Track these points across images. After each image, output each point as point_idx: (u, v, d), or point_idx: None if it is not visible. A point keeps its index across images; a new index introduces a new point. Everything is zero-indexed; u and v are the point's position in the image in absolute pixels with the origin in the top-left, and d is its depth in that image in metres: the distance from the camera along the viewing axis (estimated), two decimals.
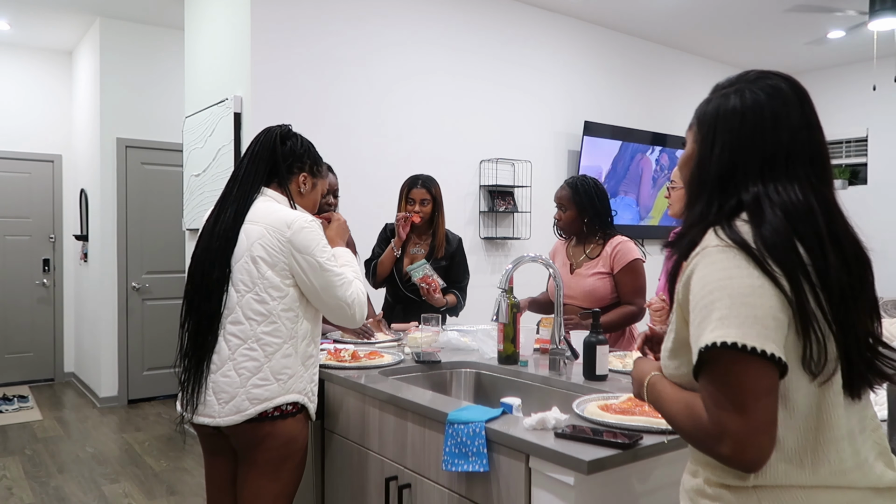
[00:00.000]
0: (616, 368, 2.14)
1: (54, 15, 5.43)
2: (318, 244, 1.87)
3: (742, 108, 1.05)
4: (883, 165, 6.62)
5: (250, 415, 1.79)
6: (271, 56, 3.95)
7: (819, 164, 1.05)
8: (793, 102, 1.05)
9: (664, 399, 1.10)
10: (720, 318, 0.94)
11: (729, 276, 0.96)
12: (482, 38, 4.90)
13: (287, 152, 1.97)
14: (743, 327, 0.92)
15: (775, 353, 0.92)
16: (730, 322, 0.93)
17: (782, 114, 1.04)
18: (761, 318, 0.93)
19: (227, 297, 1.83)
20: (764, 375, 0.93)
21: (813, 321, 0.96)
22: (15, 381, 6.25)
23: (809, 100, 1.08)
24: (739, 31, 5.83)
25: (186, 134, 4.66)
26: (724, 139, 1.06)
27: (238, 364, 1.80)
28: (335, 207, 2.92)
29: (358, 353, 2.31)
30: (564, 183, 2.86)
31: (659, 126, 6.05)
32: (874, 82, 5.97)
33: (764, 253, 0.96)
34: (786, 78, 1.08)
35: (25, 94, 6.27)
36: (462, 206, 4.80)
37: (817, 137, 1.06)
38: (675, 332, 1.09)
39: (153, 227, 5.70)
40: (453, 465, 1.55)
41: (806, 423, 1.00)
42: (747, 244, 0.97)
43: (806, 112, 1.06)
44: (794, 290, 0.95)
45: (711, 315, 0.95)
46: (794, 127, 1.04)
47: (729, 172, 1.05)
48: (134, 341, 5.63)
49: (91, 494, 3.65)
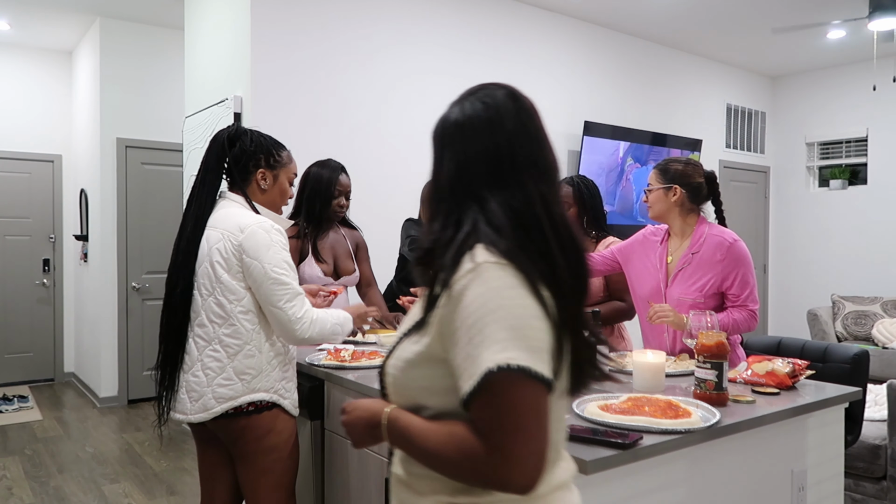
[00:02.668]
0: (614, 368, 2.15)
1: (54, 15, 5.43)
2: (269, 250, 1.87)
3: (462, 119, 1.07)
4: (883, 165, 6.62)
5: (216, 413, 1.87)
6: (271, 56, 3.95)
7: (542, 167, 1.05)
8: (508, 109, 1.06)
9: (415, 433, 0.99)
10: (503, 340, 0.90)
11: (508, 296, 0.93)
12: (482, 38, 4.90)
13: (238, 154, 1.98)
14: (529, 350, 0.90)
15: (548, 374, 0.92)
16: (516, 345, 0.90)
17: (496, 121, 1.05)
18: (540, 341, 0.93)
19: (193, 301, 1.92)
20: (542, 397, 0.92)
21: (563, 335, 0.98)
22: (15, 381, 6.25)
23: (528, 106, 1.09)
24: (739, 31, 5.83)
25: (186, 134, 4.66)
26: (450, 152, 1.07)
27: (205, 364, 1.89)
28: (347, 209, 2.91)
29: (358, 353, 2.31)
30: (564, 182, 2.86)
31: (659, 126, 6.05)
32: (874, 82, 5.98)
33: (531, 274, 0.96)
34: (503, 87, 1.10)
35: (25, 94, 6.27)
36: None
37: (536, 142, 1.07)
38: (426, 347, 1.01)
39: (153, 227, 5.70)
40: None
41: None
42: (519, 260, 0.95)
43: (522, 118, 1.07)
44: (556, 308, 0.97)
45: (492, 336, 0.91)
46: (510, 132, 1.05)
47: (458, 184, 1.04)
48: (134, 341, 5.63)
49: (91, 494, 3.65)
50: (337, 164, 2.88)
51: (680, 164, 2.43)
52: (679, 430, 1.50)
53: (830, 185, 6.98)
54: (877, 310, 6.14)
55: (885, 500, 3.07)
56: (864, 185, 6.76)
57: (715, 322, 1.92)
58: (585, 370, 1.04)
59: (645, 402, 1.64)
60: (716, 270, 2.29)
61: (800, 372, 1.98)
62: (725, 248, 2.29)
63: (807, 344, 2.82)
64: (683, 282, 2.35)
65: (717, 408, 1.69)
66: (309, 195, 2.81)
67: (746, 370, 2.02)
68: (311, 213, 2.81)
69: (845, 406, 1.99)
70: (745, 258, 2.30)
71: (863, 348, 2.66)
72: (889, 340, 5.82)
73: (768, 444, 1.75)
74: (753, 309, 2.30)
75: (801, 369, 1.99)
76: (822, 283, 6.93)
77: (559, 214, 1.03)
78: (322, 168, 2.84)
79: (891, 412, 3.03)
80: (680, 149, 6.05)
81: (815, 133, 7.09)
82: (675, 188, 2.38)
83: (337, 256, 2.89)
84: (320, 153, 3.31)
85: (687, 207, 2.40)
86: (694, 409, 1.63)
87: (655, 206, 2.44)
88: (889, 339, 5.82)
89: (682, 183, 2.38)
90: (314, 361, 2.25)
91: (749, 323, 2.29)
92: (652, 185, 2.44)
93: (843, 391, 1.97)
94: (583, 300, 1.03)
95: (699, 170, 2.43)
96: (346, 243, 2.94)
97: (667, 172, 2.41)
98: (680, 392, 1.86)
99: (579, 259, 1.03)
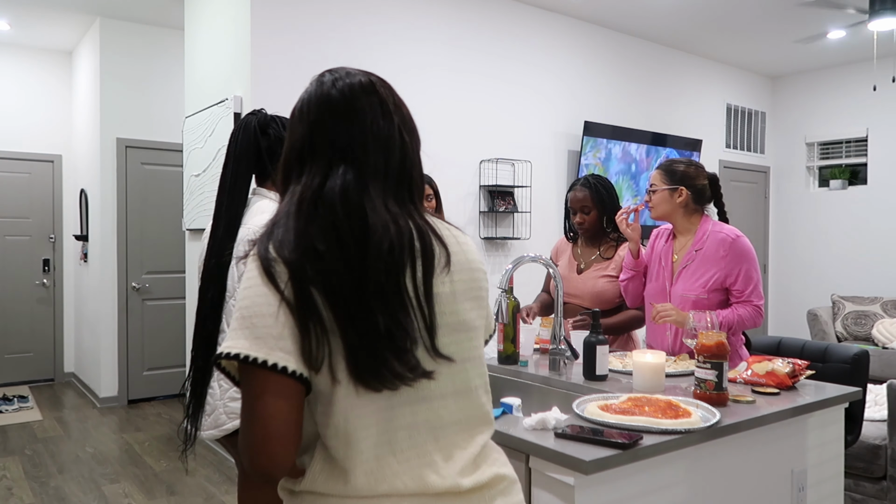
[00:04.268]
0: (616, 368, 2.15)
1: (54, 15, 5.43)
2: None
3: (294, 110, 1.09)
4: (883, 165, 6.62)
5: (227, 430, 1.71)
6: (271, 56, 3.95)
7: (346, 148, 1.02)
8: (322, 95, 1.06)
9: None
10: (233, 330, 0.95)
11: (246, 287, 0.96)
12: (482, 38, 4.90)
13: (273, 143, 1.82)
14: (250, 339, 0.93)
15: (279, 363, 0.91)
16: (240, 334, 0.94)
17: (305, 103, 1.06)
18: (268, 328, 0.92)
19: (224, 308, 1.76)
20: (269, 384, 0.92)
21: (311, 322, 0.93)
22: (15, 381, 6.25)
23: (348, 91, 1.06)
24: (739, 31, 5.83)
25: (186, 134, 4.66)
26: (287, 139, 1.09)
27: (219, 375, 1.73)
28: None
29: None
30: (579, 185, 2.77)
31: (659, 126, 6.05)
32: (874, 82, 5.98)
33: (271, 261, 0.95)
34: (332, 71, 1.09)
35: (25, 94, 6.27)
36: (462, 206, 4.80)
37: (342, 123, 1.04)
38: None
39: (153, 227, 5.71)
40: None
41: (336, 427, 0.97)
42: (263, 254, 0.96)
43: (332, 101, 1.04)
44: (297, 296, 0.93)
45: (232, 325, 0.96)
46: (312, 120, 1.04)
47: (285, 170, 1.07)
48: (134, 341, 5.63)
49: (91, 494, 3.65)
50: None
51: (684, 165, 2.42)
52: (679, 430, 1.50)
53: (830, 185, 6.97)
54: (877, 310, 6.14)
55: (885, 500, 3.07)
56: (864, 185, 6.76)
57: (715, 322, 1.92)
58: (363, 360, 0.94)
59: (645, 402, 1.64)
60: (719, 266, 2.30)
61: (800, 372, 1.98)
62: (728, 243, 2.30)
63: (807, 344, 2.82)
64: (687, 279, 2.36)
65: (717, 408, 1.69)
66: None
67: (746, 370, 2.02)
68: None
69: (845, 406, 1.99)
70: (748, 254, 2.31)
71: (863, 348, 2.66)
72: (889, 340, 5.81)
73: (768, 444, 1.75)
74: (758, 304, 2.30)
75: (801, 369, 1.99)
76: (822, 283, 6.94)
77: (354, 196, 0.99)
78: None
79: (891, 412, 3.03)
80: (680, 149, 6.05)
81: (815, 133, 7.09)
82: (681, 189, 2.37)
83: None
84: None
85: (691, 208, 2.40)
86: (694, 409, 1.63)
87: (660, 207, 2.43)
88: (889, 339, 5.82)
89: (688, 184, 2.38)
90: None
91: (755, 319, 2.29)
92: (656, 186, 2.42)
93: (844, 391, 1.97)
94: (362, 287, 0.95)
95: (703, 172, 2.43)
96: None
97: (673, 174, 2.39)
98: (680, 392, 1.86)
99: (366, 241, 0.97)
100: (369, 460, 0.96)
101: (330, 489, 0.98)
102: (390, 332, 0.95)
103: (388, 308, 0.95)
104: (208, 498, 3.60)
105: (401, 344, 0.95)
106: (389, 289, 0.96)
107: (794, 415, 1.78)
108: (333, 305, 0.94)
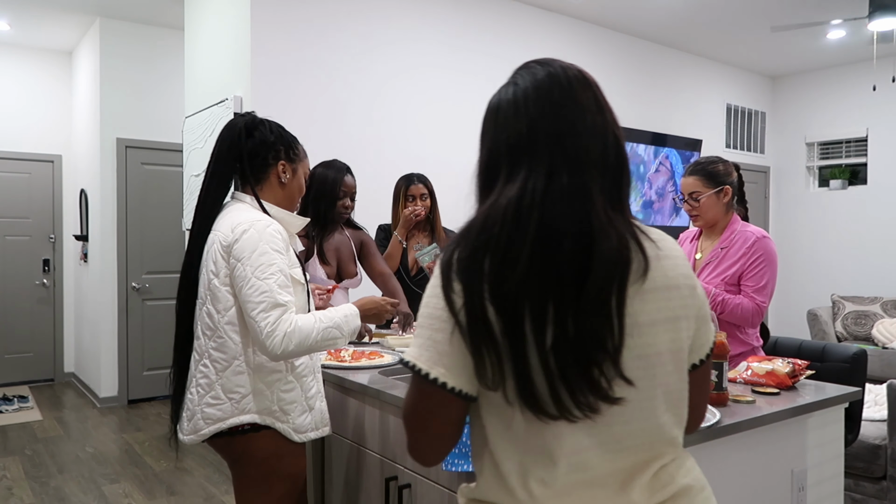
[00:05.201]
0: None
1: (54, 15, 5.43)
2: (255, 250, 1.64)
3: (497, 105, 1.00)
4: (883, 165, 6.62)
5: (205, 435, 1.70)
6: (271, 56, 3.95)
7: (569, 147, 0.94)
8: (542, 88, 0.97)
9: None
10: (417, 329, 0.98)
11: (430, 294, 0.97)
12: (482, 38, 4.89)
13: (257, 145, 1.80)
14: (420, 347, 0.96)
15: (438, 378, 0.93)
16: (417, 340, 0.97)
17: (521, 96, 0.97)
18: (437, 342, 0.94)
19: (196, 313, 1.77)
20: (426, 392, 0.96)
21: (484, 347, 0.90)
22: (15, 381, 6.25)
23: (569, 84, 0.99)
24: (739, 31, 5.83)
25: (186, 134, 4.66)
26: (485, 141, 1.01)
27: (197, 381, 1.73)
28: (352, 210, 2.91)
29: (358, 353, 2.31)
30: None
31: (659, 126, 6.05)
32: (874, 82, 5.97)
33: (451, 274, 0.92)
34: (544, 64, 1.01)
35: (25, 94, 6.27)
36: (462, 207, 4.78)
37: (566, 118, 0.95)
38: None
39: (153, 227, 5.70)
40: (453, 465, 1.55)
41: (520, 445, 0.95)
42: (446, 263, 0.94)
43: (555, 97, 0.96)
44: (469, 311, 0.90)
45: (417, 322, 0.99)
46: (532, 115, 0.95)
47: (488, 171, 0.99)
48: (134, 341, 5.63)
49: (91, 494, 3.65)
50: (342, 165, 2.87)
51: (716, 163, 2.40)
52: None
53: (830, 185, 6.97)
54: (877, 310, 6.14)
55: (884, 500, 3.07)
56: (864, 185, 6.76)
57: (711, 292, 1.91)
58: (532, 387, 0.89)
59: None
60: (741, 263, 2.32)
61: (800, 372, 1.98)
62: (752, 240, 2.33)
63: (803, 343, 2.81)
64: (707, 274, 2.38)
65: (717, 408, 1.69)
66: (314, 196, 2.80)
67: (746, 370, 2.02)
68: (316, 214, 2.80)
69: (845, 406, 1.99)
70: (768, 254, 2.32)
71: (861, 348, 2.65)
72: (889, 340, 5.81)
73: (768, 444, 1.75)
74: (761, 302, 2.30)
75: (801, 369, 1.99)
76: (822, 283, 6.93)
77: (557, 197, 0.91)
78: (327, 169, 2.83)
79: (891, 412, 3.03)
80: (680, 149, 6.05)
81: (815, 133, 7.09)
82: (726, 188, 2.37)
83: (341, 259, 2.89)
84: (321, 153, 3.31)
85: (731, 205, 2.40)
86: None
87: (710, 213, 2.37)
88: (889, 339, 5.82)
89: (729, 182, 2.38)
90: None
91: (753, 315, 2.29)
92: (700, 192, 2.35)
93: (844, 391, 1.97)
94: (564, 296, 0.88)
95: (729, 164, 2.43)
96: (350, 245, 2.94)
97: (713, 175, 2.36)
98: None
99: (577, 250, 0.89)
100: (534, 480, 0.94)
101: (493, 498, 0.98)
102: (586, 355, 0.88)
103: (592, 327, 0.88)
104: (208, 498, 3.60)
105: (592, 370, 0.89)
106: (602, 307, 0.88)
107: (794, 415, 1.78)
108: (517, 325, 0.88)
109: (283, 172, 1.83)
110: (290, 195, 1.86)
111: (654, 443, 0.98)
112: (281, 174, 1.83)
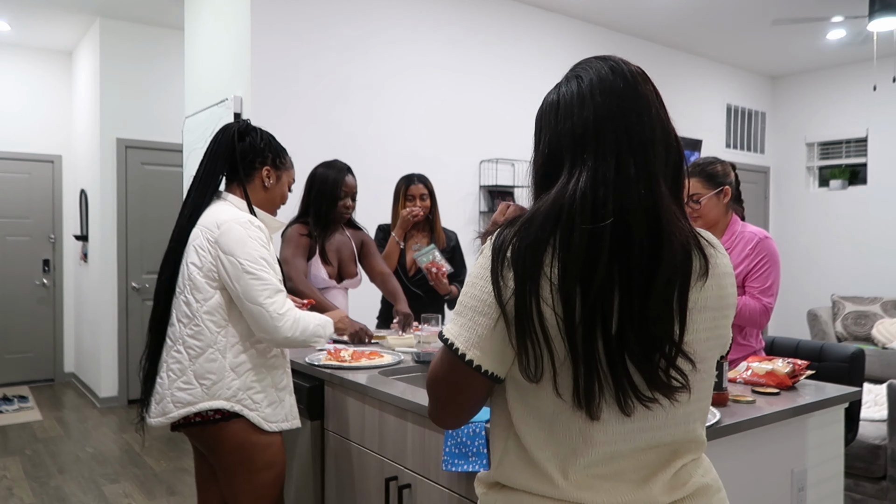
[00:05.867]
0: None
1: (54, 15, 5.43)
2: (244, 245, 1.79)
3: (558, 99, 1.01)
4: (883, 165, 6.62)
5: (173, 417, 1.80)
6: (271, 56, 3.95)
7: (636, 140, 0.94)
8: (607, 80, 0.97)
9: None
10: (454, 314, 1.01)
11: (476, 275, 0.97)
12: (482, 38, 4.90)
13: (246, 148, 1.94)
14: (458, 325, 0.98)
15: (474, 360, 0.96)
16: (457, 318, 0.99)
17: (587, 88, 0.98)
18: (477, 325, 0.96)
19: (173, 300, 1.88)
20: (457, 369, 0.98)
21: (529, 340, 0.91)
22: (15, 381, 6.25)
23: (633, 77, 0.98)
24: (740, 31, 5.83)
25: (186, 134, 4.66)
26: (545, 135, 1.01)
27: (168, 366, 1.83)
28: (353, 210, 2.91)
29: (358, 353, 2.31)
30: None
31: None
32: (874, 82, 5.97)
33: (505, 259, 0.92)
34: (605, 59, 1.01)
35: (25, 95, 6.28)
36: (462, 207, 4.80)
37: (633, 111, 0.96)
38: None
39: (153, 227, 5.70)
40: (453, 465, 1.55)
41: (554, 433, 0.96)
42: (498, 248, 0.94)
43: (621, 88, 0.96)
44: (519, 303, 0.90)
45: (458, 299, 1.01)
46: (599, 105, 0.96)
47: (549, 164, 0.99)
48: (134, 341, 5.62)
49: (91, 494, 3.65)
50: (343, 165, 2.87)
51: (713, 164, 2.38)
52: None
53: (830, 185, 6.98)
54: (877, 310, 6.14)
55: (884, 500, 3.07)
56: (864, 185, 6.76)
57: None
58: (601, 380, 0.90)
59: None
60: (744, 264, 2.31)
61: (800, 372, 1.98)
62: (755, 242, 2.32)
63: (800, 343, 2.81)
64: None
65: (717, 408, 1.69)
66: (315, 196, 2.80)
67: (746, 370, 2.02)
68: (317, 214, 2.80)
69: (845, 406, 1.99)
70: (771, 254, 2.32)
71: (859, 347, 2.65)
72: (889, 340, 5.81)
73: (768, 444, 1.75)
74: (766, 303, 2.29)
75: (801, 369, 1.99)
76: (822, 283, 6.94)
77: (626, 189, 0.91)
78: (328, 169, 2.83)
79: (891, 412, 3.03)
80: None
81: (815, 133, 7.09)
82: (726, 189, 2.35)
83: (342, 259, 2.89)
84: (321, 153, 3.32)
85: (730, 206, 2.39)
86: None
87: (711, 214, 2.35)
88: (889, 339, 5.82)
89: (728, 182, 2.36)
90: (314, 361, 2.25)
91: (760, 317, 2.28)
92: (700, 194, 2.34)
93: (843, 391, 1.97)
94: (632, 291, 0.89)
95: (726, 164, 2.42)
96: (351, 245, 2.94)
97: (713, 176, 2.34)
98: None
99: (648, 244, 0.90)
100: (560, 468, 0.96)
101: (521, 484, 0.99)
102: (652, 343, 0.90)
103: (658, 315, 0.89)
104: None
105: (655, 357, 0.90)
106: (666, 307, 0.90)
107: (794, 415, 1.78)
108: (583, 316, 0.88)
109: (267, 177, 1.97)
110: (271, 199, 2.01)
111: (683, 440, 0.99)
112: (265, 178, 1.97)
